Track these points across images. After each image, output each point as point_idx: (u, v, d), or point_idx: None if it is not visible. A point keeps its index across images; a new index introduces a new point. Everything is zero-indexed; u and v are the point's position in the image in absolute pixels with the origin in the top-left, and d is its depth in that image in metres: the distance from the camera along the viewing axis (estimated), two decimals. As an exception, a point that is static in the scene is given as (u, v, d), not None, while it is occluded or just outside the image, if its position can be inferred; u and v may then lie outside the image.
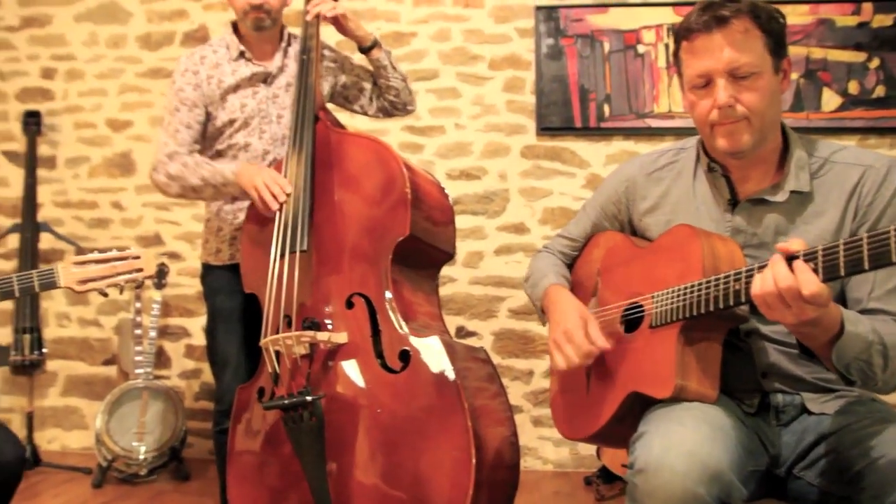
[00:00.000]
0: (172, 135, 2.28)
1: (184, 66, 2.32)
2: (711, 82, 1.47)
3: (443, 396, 1.74)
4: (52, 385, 3.76)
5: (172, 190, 2.27)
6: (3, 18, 3.83)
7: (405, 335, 1.84)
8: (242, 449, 2.04)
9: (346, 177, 2.04)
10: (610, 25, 3.38)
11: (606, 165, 3.39)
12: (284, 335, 1.91)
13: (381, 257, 1.92)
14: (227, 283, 2.32)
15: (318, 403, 1.82)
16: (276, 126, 2.33)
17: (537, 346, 3.41)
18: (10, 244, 3.78)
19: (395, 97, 2.43)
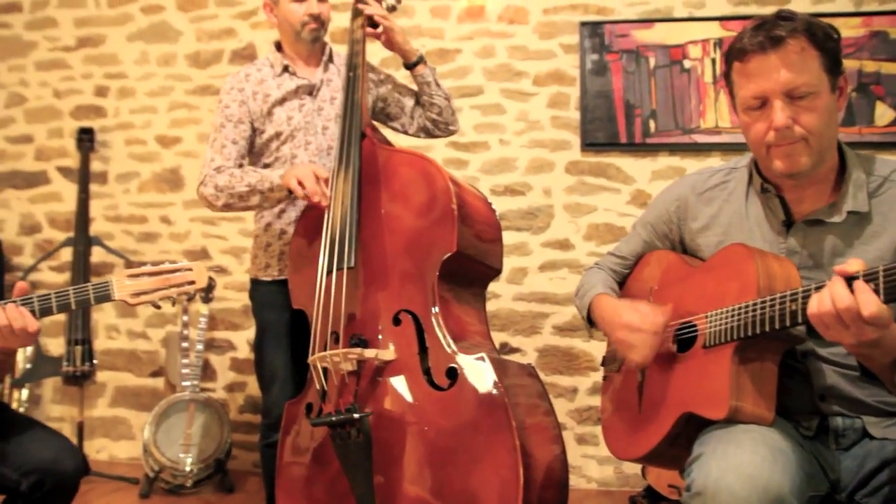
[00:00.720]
0: (219, 150, 2.31)
1: (229, 85, 2.37)
2: (767, 103, 1.44)
3: (490, 414, 1.73)
4: (101, 396, 3.83)
5: (220, 201, 2.27)
6: (60, 39, 3.95)
7: (452, 352, 1.83)
8: (291, 464, 2.05)
9: (392, 193, 2.04)
10: (655, 41, 3.35)
11: (652, 181, 3.36)
12: (332, 352, 1.91)
13: (428, 274, 1.92)
14: (275, 299, 2.33)
15: (365, 420, 1.82)
16: (321, 137, 2.36)
17: (581, 362, 3.38)
18: (62, 257, 3.87)
19: (438, 115, 2.44)
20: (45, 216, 3.95)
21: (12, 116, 4.00)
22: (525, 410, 1.81)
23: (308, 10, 2.31)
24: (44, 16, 3.97)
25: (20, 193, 3.97)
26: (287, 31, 2.37)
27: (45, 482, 1.68)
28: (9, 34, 4.00)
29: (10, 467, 1.68)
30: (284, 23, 2.36)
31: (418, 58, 2.38)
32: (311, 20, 2.32)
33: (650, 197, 3.36)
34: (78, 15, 3.94)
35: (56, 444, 1.74)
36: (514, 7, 3.51)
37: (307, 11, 2.31)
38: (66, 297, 1.66)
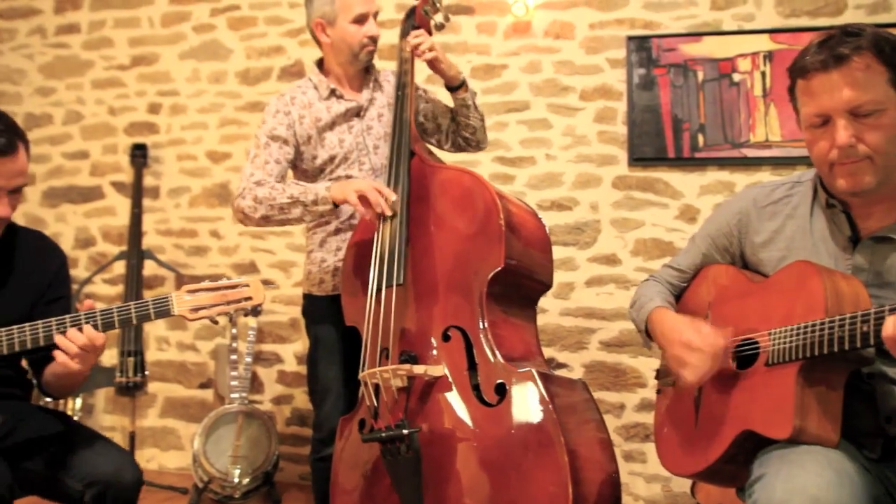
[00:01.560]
0: (261, 166, 2.28)
1: (275, 108, 2.35)
2: (830, 122, 1.42)
3: (539, 431, 1.73)
4: (151, 406, 3.90)
5: (258, 213, 2.22)
6: (116, 58, 4.06)
7: (501, 368, 1.83)
8: (344, 480, 2.06)
9: (440, 210, 2.06)
10: (704, 54, 3.33)
11: (701, 196, 3.32)
12: (382, 368, 1.93)
13: (477, 290, 1.92)
14: (329, 314, 2.34)
15: (414, 436, 1.82)
16: (374, 157, 2.37)
17: (629, 379, 3.35)
18: (115, 270, 3.96)
19: (471, 135, 2.49)
20: (100, 230, 4.05)
21: (69, 133, 4.11)
22: (575, 426, 1.80)
23: (367, 32, 2.31)
24: (100, 36, 4.09)
25: (76, 208, 4.08)
26: (343, 51, 2.35)
27: (106, 494, 1.72)
28: (67, 54, 4.13)
29: (74, 478, 1.73)
30: (341, 43, 2.33)
31: (461, 82, 2.40)
32: (370, 42, 2.33)
33: (699, 212, 3.33)
34: (132, 35, 4.05)
35: (117, 456, 1.78)
36: (561, 22, 3.51)
37: (367, 33, 2.31)
38: (127, 312, 1.70)
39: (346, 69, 2.39)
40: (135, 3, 4.05)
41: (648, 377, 3.33)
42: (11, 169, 1.74)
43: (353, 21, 2.30)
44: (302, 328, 3.65)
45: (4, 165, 1.73)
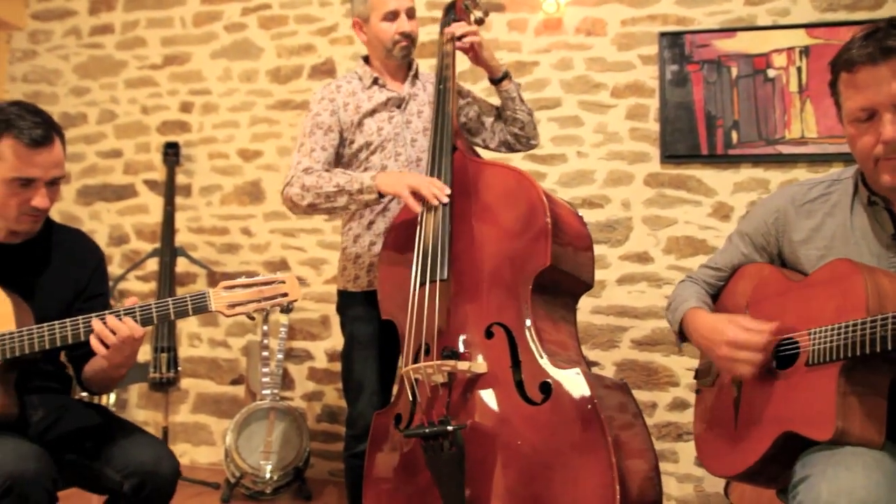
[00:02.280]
0: (307, 154, 2.32)
1: (320, 96, 2.40)
2: (876, 116, 1.40)
3: (586, 430, 1.70)
4: (183, 402, 3.94)
5: (305, 201, 2.24)
6: (148, 58, 4.11)
7: (546, 366, 1.81)
8: (380, 475, 2.05)
9: (484, 206, 2.04)
10: (738, 50, 3.29)
11: (734, 194, 3.28)
12: (426, 364, 1.91)
13: (522, 287, 1.91)
14: (364, 310, 2.35)
15: (458, 433, 1.81)
16: (410, 149, 2.37)
17: (661, 377, 3.32)
18: (148, 267, 4.01)
19: (520, 130, 2.45)
20: (133, 228, 4.10)
21: (103, 132, 4.17)
22: (619, 426, 1.78)
23: (399, 29, 2.34)
24: (133, 36, 4.14)
25: (110, 206, 4.14)
26: (378, 48, 2.39)
27: (145, 484, 1.73)
28: (101, 54, 4.19)
29: (114, 469, 1.75)
30: (375, 40, 2.38)
31: (504, 73, 2.39)
32: (403, 38, 2.34)
33: (732, 209, 3.29)
34: (165, 34, 4.09)
35: (155, 448, 1.80)
36: (592, 19, 3.49)
37: (398, 30, 2.34)
38: (165, 307, 1.71)
39: (386, 64, 2.42)
40: (167, 3, 4.09)
41: (681, 376, 3.30)
42: (48, 160, 1.77)
43: (384, 19, 2.34)
44: (332, 325, 3.70)
45: (41, 156, 1.75)
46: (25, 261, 1.90)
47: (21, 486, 1.53)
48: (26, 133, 1.73)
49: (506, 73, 2.39)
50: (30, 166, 1.74)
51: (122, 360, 1.72)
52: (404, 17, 2.35)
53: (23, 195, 1.77)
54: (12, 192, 1.76)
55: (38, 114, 1.79)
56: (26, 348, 1.70)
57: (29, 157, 1.74)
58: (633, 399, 1.92)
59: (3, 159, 1.74)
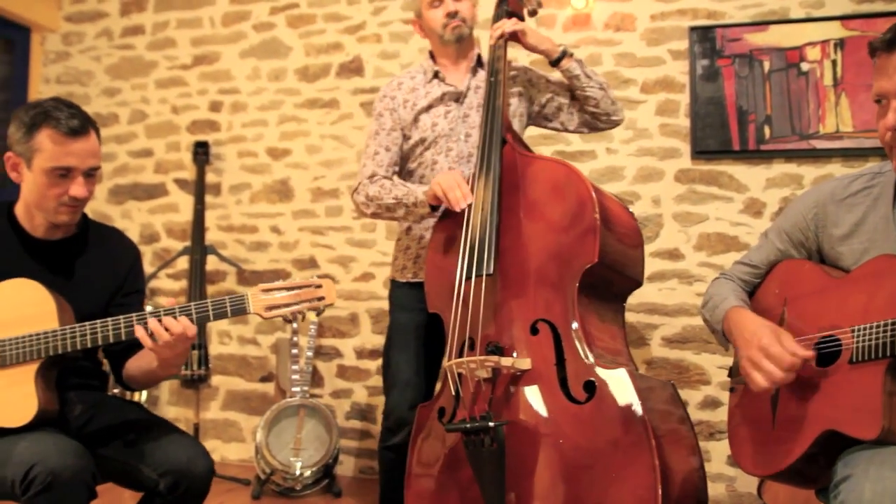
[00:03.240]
0: (371, 157, 2.37)
1: (382, 93, 2.43)
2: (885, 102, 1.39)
3: (629, 431, 1.68)
4: (213, 399, 3.97)
5: (370, 210, 2.33)
6: (178, 58, 4.14)
7: (591, 365, 1.79)
8: (421, 468, 2.05)
9: (533, 200, 2.02)
10: (770, 43, 3.24)
11: (767, 189, 3.24)
12: (470, 359, 1.90)
13: (569, 284, 1.88)
14: (408, 301, 2.37)
15: (500, 429, 1.80)
16: (462, 144, 2.36)
17: (692, 376, 3.29)
18: (179, 265, 4.05)
19: (595, 107, 2.36)
20: (163, 226, 4.14)
21: (134, 132, 4.22)
22: (665, 428, 1.75)
23: (445, 10, 2.35)
24: (164, 36, 4.18)
25: (140, 205, 4.18)
26: (433, 38, 2.42)
27: (180, 483, 1.75)
28: (132, 55, 4.23)
29: (150, 467, 1.76)
30: (429, 31, 2.41)
31: (561, 53, 2.32)
32: (450, 19, 2.35)
33: (765, 206, 3.25)
34: (194, 34, 4.13)
35: (190, 446, 1.81)
36: (621, 14, 3.46)
37: (444, 12, 2.35)
38: (205, 308, 1.72)
39: (445, 52, 2.42)
40: (197, 3, 4.13)
41: (713, 374, 3.26)
42: (84, 149, 1.80)
43: (430, 6, 2.38)
44: (361, 323, 3.72)
45: (77, 145, 1.79)
46: (65, 257, 1.93)
47: (62, 480, 1.55)
48: (63, 123, 1.77)
49: (563, 52, 2.32)
50: (67, 155, 1.78)
51: (173, 359, 1.74)
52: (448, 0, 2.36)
53: (61, 185, 1.80)
54: (51, 182, 1.79)
55: (74, 106, 1.84)
56: (68, 346, 1.72)
57: (66, 147, 1.78)
58: (680, 400, 1.89)
59: (42, 150, 1.77)
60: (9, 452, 1.61)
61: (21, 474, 1.56)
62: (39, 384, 1.73)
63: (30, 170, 1.80)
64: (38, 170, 1.79)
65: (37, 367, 1.74)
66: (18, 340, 1.74)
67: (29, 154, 1.79)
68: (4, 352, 1.74)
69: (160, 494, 1.77)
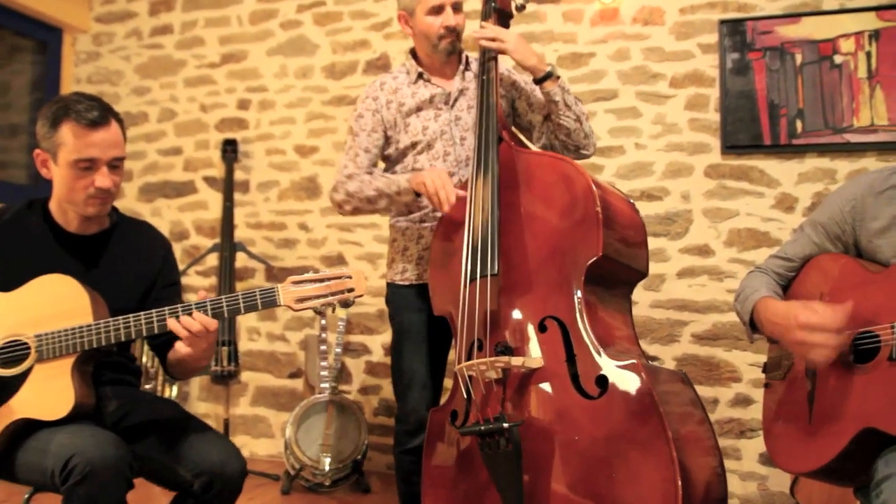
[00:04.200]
0: (352, 158, 2.33)
1: (364, 94, 2.38)
2: None
3: (645, 424, 1.67)
4: (242, 395, 4.00)
5: (349, 206, 2.31)
6: (206, 56, 4.18)
7: (601, 359, 1.78)
8: (438, 473, 2.03)
9: (532, 197, 2.00)
10: (802, 36, 3.20)
11: (799, 184, 3.20)
12: (480, 361, 1.89)
13: (574, 279, 1.87)
14: (412, 302, 2.33)
15: (514, 430, 1.78)
16: (459, 148, 2.32)
17: (723, 372, 3.26)
18: (208, 262, 4.08)
19: (566, 136, 2.27)
20: (193, 223, 4.18)
21: (163, 130, 4.26)
22: (679, 419, 1.74)
23: (444, 23, 2.27)
24: (192, 35, 4.22)
25: (170, 202, 4.23)
26: (423, 42, 2.34)
27: (214, 483, 1.76)
28: (161, 54, 4.27)
29: (184, 467, 1.77)
30: (420, 34, 2.33)
31: (544, 74, 2.21)
32: (448, 33, 2.28)
33: (797, 201, 3.20)
34: (222, 33, 4.16)
35: (224, 447, 1.82)
36: (650, 8, 3.43)
37: (444, 24, 2.27)
38: (236, 301, 1.73)
39: (432, 58, 2.36)
40: (224, 2, 4.16)
41: (744, 371, 3.23)
42: (105, 139, 1.81)
43: (429, 13, 2.28)
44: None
45: (98, 136, 1.80)
46: (98, 252, 1.95)
47: (100, 471, 1.57)
48: (83, 115, 1.78)
49: (547, 73, 2.21)
50: (88, 147, 1.79)
51: (199, 353, 1.75)
52: (450, 11, 2.28)
53: (87, 178, 1.81)
54: (76, 174, 1.81)
55: (94, 98, 1.85)
56: (103, 341, 1.74)
57: (87, 138, 1.79)
58: (694, 390, 1.87)
59: (65, 143, 1.79)
60: (48, 443, 1.64)
61: (60, 465, 1.58)
62: (76, 378, 1.75)
63: (56, 164, 1.82)
64: (64, 163, 1.80)
65: (73, 361, 1.76)
66: (54, 335, 1.76)
67: (54, 149, 1.81)
68: (41, 346, 1.76)
69: (194, 494, 1.78)
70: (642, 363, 1.75)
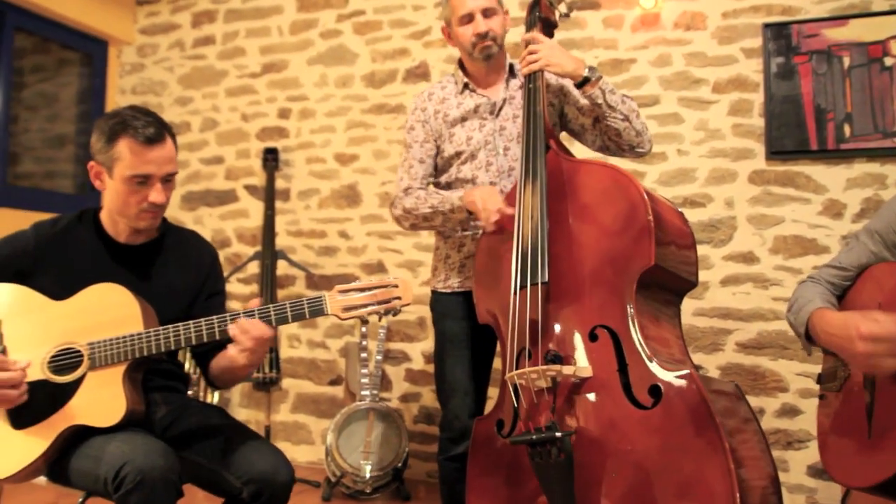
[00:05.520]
0: (407, 170, 2.37)
1: (413, 105, 2.42)
2: None
3: (701, 435, 1.63)
4: (283, 401, 4.03)
5: (408, 223, 2.35)
6: (248, 66, 4.23)
7: (655, 369, 1.75)
8: (483, 482, 2.02)
9: (582, 206, 1.99)
10: (850, 38, 3.14)
11: (847, 190, 3.13)
12: (531, 369, 1.87)
13: (625, 288, 1.85)
14: (455, 310, 2.34)
15: (567, 439, 1.76)
16: (502, 158, 2.32)
17: (768, 382, 3.20)
18: (249, 270, 4.13)
19: (617, 137, 2.25)
20: (234, 231, 4.23)
21: (205, 140, 4.32)
22: (734, 431, 1.70)
23: (475, 30, 2.29)
24: (233, 46, 4.28)
25: (212, 211, 4.28)
26: (463, 52, 2.38)
27: (263, 492, 1.76)
28: (203, 65, 4.34)
29: (233, 474, 1.78)
30: (459, 45, 2.37)
31: (583, 79, 2.17)
32: (479, 39, 2.29)
33: (845, 207, 3.14)
34: (263, 43, 4.21)
35: (273, 455, 1.82)
36: (691, 13, 3.40)
37: (474, 31, 2.29)
38: (283, 311, 1.74)
39: (475, 67, 2.38)
40: (265, 12, 4.21)
41: (790, 381, 3.16)
42: (161, 156, 1.85)
43: (461, 23, 2.31)
44: (429, 327, 3.72)
45: (154, 152, 1.84)
46: (147, 262, 1.98)
47: (151, 480, 1.58)
48: (140, 132, 1.82)
49: (585, 78, 2.17)
50: (145, 163, 1.83)
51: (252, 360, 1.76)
52: (480, 18, 2.29)
53: (141, 192, 1.85)
54: (131, 189, 1.84)
55: (150, 114, 1.89)
56: (153, 349, 1.76)
57: (144, 155, 1.82)
58: (746, 401, 1.84)
59: (121, 159, 1.82)
60: (101, 451, 1.66)
61: (112, 473, 1.60)
62: (127, 385, 1.78)
63: (111, 178, 1.86)
64: (119, 178, 1.84)
65: (124, 368, 1.78)
66: (106, 343, 1.78)
67: (110, 163, 1.84)
68: (94, 354, 1.79)
69: (242, 502, 1.79)
70: (696, 373, 1.72)
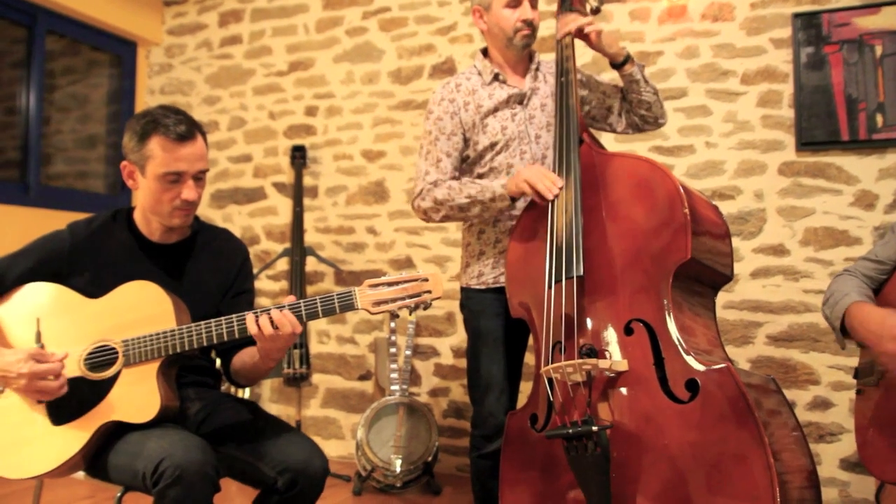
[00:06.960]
0: (434, 164, 2.32)
1: (440, 96, 2.36)
2: None
3: (740, 429, 1.63)
4: (313, 396, 4.07)
5: (439, 214, 2.30)
6: (275, 65, 4.27)
7: (692, 362, 1.74)
8: (518, 477, 2.02)
9: (616, 199, 1.98)
10: (883, 26, 3.09)
11: (879, 181, 3.09)
12: (567, 363, 1.87)
13: (661, 282, 1.85)
14: (490, 307, 2.32)
15: (603, 433, 1.76)
16: (534, 146, 2.32)
17: (800, 375, 3.17)
18: (278, 266, 4.17)
19: (647, 111, 2.36)
20: (263, 229, 4.27)
21: (234, 138, 4.37)
22: (774, 424, 1.69)
23: (522, 16, 2.28)
24: (260, 45, 4.31)
25: (241, 208, 4.33)
26: (498, 37, 2.34)
27: (297, 481, 1.79)
28: (231, 64, 4.38)
29: (268, 465, 1.81)
30: (496, 28, 2.32)
31: (625, 57, 2.29)
32: (525, 26, 2.29)
33: (877, 198, 3.10)
34: (289, 42, 4.24)
35: (307, 446, 1.85)
36: (719, 4, 3.37)
37: (521, 17, 2.28)
38: (314, 306, 1.76)
39: (506, 55, 2.36)
40: (291, 11, 4.24)
41: (822, 374, 3.13)
42: (192, 153, 1.88)
43: (507, 5, 2.29)
44: (457, 322, 3.73)
45: (185, 149, 1.87)
46: (179, 260, 2.01)
47: (189, 474, 1.62)
48: (172, 130, 1.84)
49: (627, 56, 2.28)
50: (177, 160, 1.85)
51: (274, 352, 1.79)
52: (527, 5, 2.29)
53: (173, 190, 1.88)
54: (164, 187, 1.87)
55: (181, 112, 1.91)
56: (186, 345, 1.79)
57: (175, 152, 1.85)
58: (783, 395, 1.82)
59: (154, 157, 1.85)
60: (140, 446, 1.70)
61: (151, 468, 1.63)
62: (161, 382, 1.81)
63: (144, 177, 1.89)
64: (151, 176, 1.87)
65: (158, 365, 1.81)
66: (140, 340, 1.82)
67: (142, 162, 1.87)
68: (128, 351, 1.82)
69: (277, 492, 1.82)
70: (733, 367, 1.71)
